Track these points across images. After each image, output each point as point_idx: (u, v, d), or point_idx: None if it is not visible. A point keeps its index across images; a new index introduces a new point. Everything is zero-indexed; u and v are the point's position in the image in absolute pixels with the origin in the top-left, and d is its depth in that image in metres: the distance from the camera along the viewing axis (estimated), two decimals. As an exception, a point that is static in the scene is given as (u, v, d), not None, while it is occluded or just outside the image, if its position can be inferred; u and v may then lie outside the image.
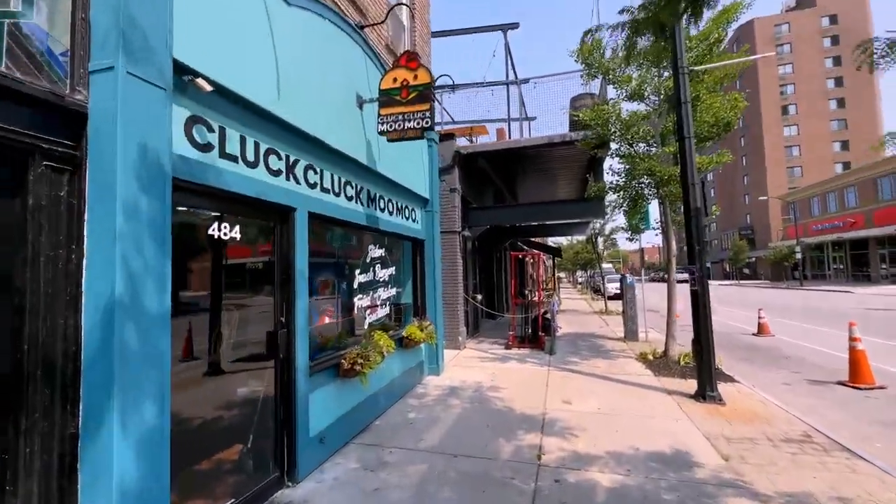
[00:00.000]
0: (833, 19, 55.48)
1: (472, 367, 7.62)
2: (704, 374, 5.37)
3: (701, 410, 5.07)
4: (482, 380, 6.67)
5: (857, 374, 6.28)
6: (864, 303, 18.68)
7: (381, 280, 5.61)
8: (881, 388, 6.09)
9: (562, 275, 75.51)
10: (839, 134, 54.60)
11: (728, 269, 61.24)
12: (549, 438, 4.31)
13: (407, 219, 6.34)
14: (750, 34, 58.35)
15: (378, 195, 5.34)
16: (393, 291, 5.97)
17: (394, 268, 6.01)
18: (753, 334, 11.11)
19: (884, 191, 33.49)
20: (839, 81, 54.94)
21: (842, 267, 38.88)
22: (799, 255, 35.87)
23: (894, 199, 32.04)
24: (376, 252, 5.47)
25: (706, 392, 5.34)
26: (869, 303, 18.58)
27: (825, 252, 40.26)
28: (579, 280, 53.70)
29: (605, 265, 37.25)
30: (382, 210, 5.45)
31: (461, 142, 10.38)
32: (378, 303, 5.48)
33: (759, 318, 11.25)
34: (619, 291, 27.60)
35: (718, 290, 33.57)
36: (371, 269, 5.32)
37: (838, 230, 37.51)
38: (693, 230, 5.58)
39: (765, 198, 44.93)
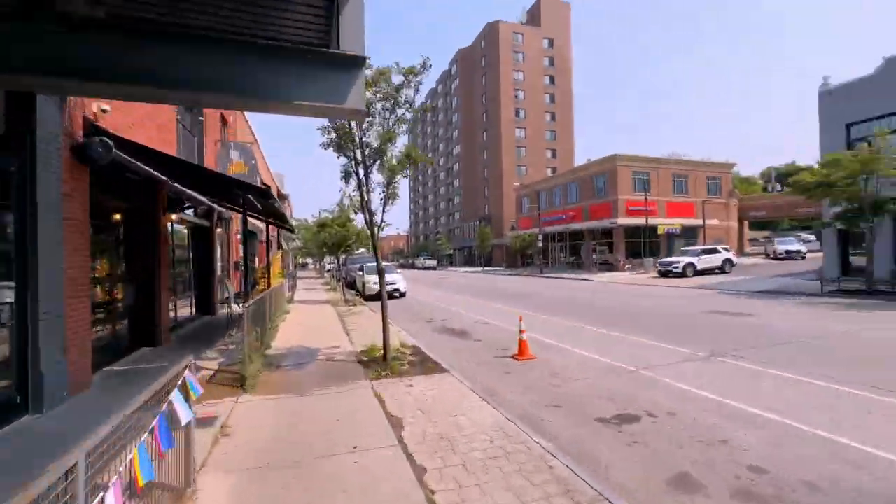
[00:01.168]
0: (551, 43, 64.78)
1: None
2: None
3: None
4: None
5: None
6: (640, 295, 16.02)
7: None
8: None
9: (308, 260, 63.57)
10: (551, 143, 64.43)
11: (470, 256, 64.56)
12: None
13: None
14: (495, 35, 61.90)
15: None
16: None
17: None
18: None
19: (598, 188, 37.79)
20: (552, 98, 64.75)
21: (562, 256, 43.48)
22: (540, 244, 36.96)
23: (605, 196, 36.20)
24: None
25: None
26: (647, 296, 15.98)
27: (549, 242, 44.30)
28: (328, 268, 43.77)
29: (360, 250, 28.18)
30: None
31: None
32: None
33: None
34: (394, 286, 17.20)
35: (496, 281, 30.17)
36: None
37: (563, 222, 41.23)
38: None
39: (518, 184, 46.48)
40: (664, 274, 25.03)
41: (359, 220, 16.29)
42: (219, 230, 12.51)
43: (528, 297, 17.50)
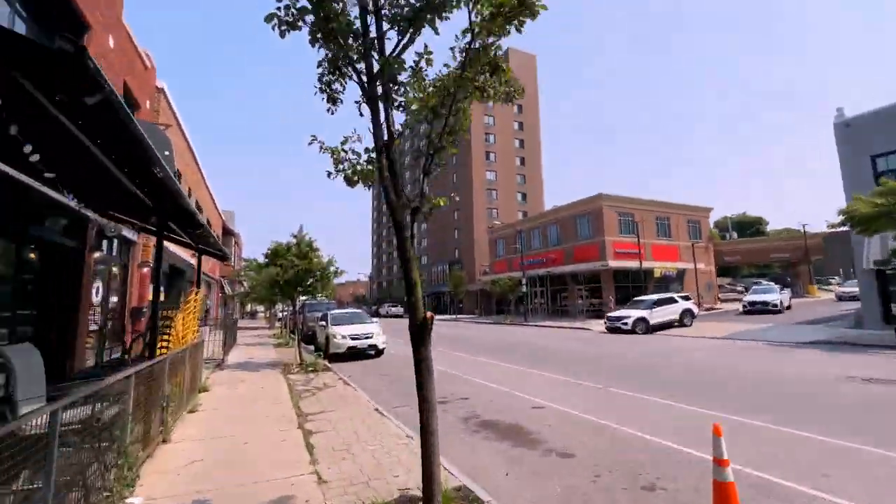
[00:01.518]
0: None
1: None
2: None
3: None
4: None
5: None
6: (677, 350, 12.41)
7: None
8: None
9: (259, 308, 55.86)
10: (521, 187, 63.43)
11: (439, 302, 59.99)
12: None
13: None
14: (465, 80, 61.54)
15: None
16: None
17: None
18: None
19: (581, 230, 35.50)
20: (522, 143, 64.63)
21: (542, 301, 40.16)
22: (525, 289, 33.51)
23: (591, 238, 33.81)
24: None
25: None
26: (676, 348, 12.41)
27: (528, 287, 41.03)
28: (279, 315, 37.54)
29: (319, 298, 22.59)
30: None
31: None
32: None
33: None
34: (358, 344, 12.99)
35: (483, 331, 25.70)
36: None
37: (543, 266, 38.30)
38: None
39: (498, 222, 43.65)
40: (613, 330, 20.39)
41: (326, 248, 11.87)
42: (97, 254, 7.74)
43: (546, 354, 13.44)
